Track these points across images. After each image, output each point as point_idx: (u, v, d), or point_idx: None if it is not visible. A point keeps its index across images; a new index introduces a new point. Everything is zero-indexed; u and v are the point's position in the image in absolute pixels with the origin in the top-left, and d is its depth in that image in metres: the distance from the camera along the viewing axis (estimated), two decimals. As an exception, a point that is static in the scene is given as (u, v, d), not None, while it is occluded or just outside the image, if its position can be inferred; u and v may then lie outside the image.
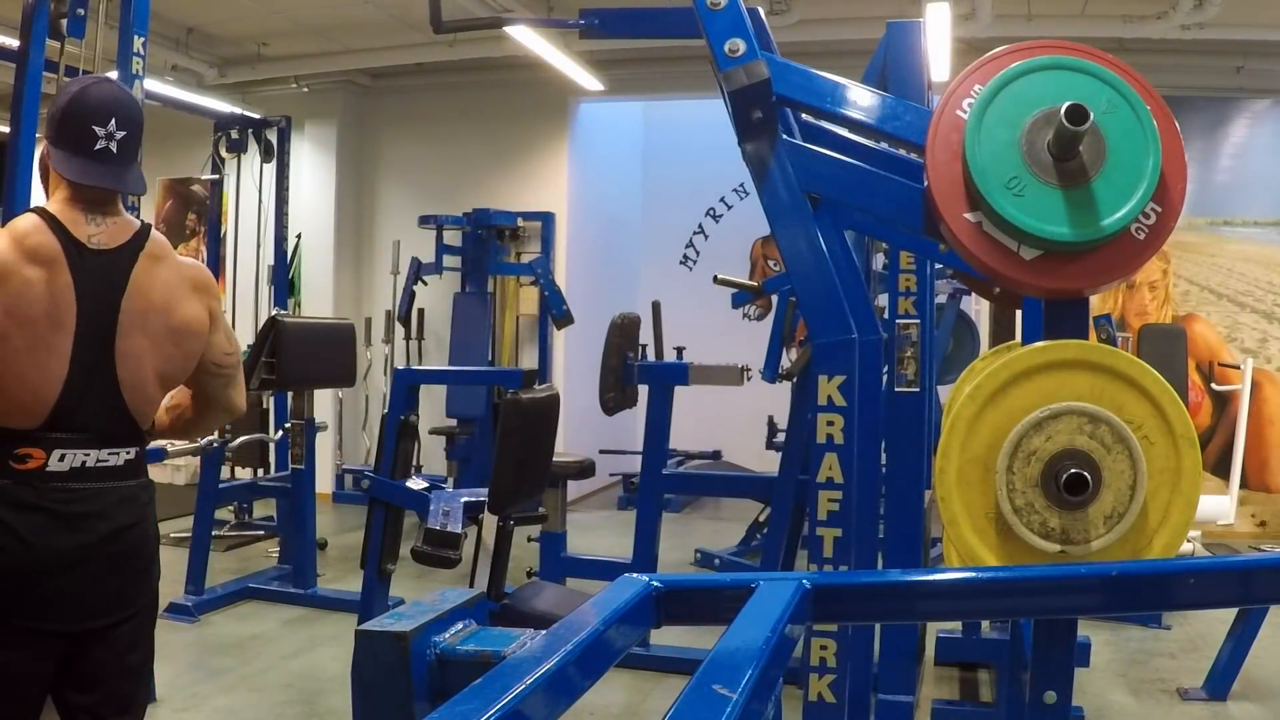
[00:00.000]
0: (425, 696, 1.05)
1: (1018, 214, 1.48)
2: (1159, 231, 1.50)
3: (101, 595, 1.88)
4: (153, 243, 1.91)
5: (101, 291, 1.83)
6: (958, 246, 1.55)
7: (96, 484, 1.85)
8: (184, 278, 1.95)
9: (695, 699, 0.79)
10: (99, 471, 1.85)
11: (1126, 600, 1.18)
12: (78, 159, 1.85)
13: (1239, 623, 3.64)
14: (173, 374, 1.97)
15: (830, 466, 1.72)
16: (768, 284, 4.95)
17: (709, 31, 1.74)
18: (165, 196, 8.25)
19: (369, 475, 3.67)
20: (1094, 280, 1.52)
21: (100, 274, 1.83)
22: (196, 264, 2.07)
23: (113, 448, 1.87)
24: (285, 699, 3.57)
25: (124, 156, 1.89)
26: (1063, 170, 1.48)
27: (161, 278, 1.90)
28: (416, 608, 1.11)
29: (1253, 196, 6.44)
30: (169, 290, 1.91)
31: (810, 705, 1.75)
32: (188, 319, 1.94)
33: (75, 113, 1.86)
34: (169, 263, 1.93)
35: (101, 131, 1.85)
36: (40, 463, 1.80)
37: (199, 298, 1.97)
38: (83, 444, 1.83)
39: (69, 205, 1.85)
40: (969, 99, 1.55)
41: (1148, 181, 1.48)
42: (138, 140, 1.92)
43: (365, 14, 6.25)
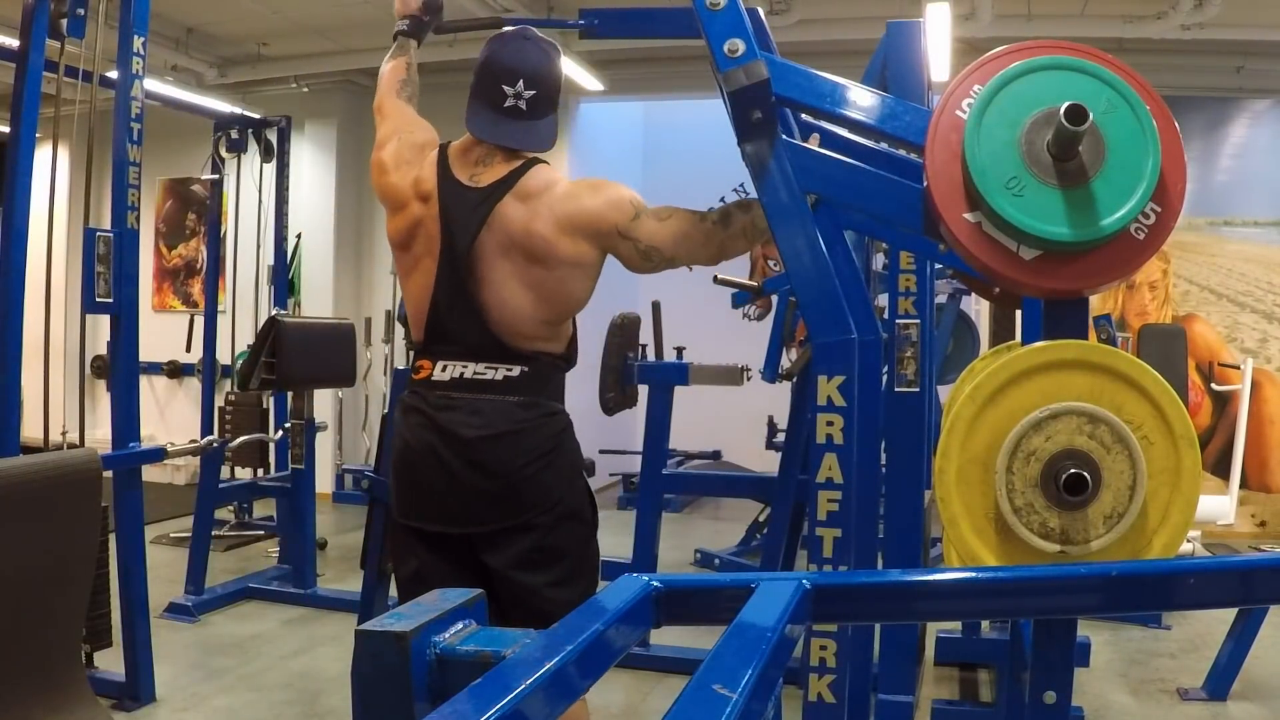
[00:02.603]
0: (425, 696, 1.05)
1: (1017, 214, 1.48)
2: (1159, 232, 1.50)
3: (463, 501, 2.04)
4: (524, 181, 2.03)
5: (464, 224, 2.02)
6: (957, 246, 1.55)
7: (472, 394, 2.02)
8: (560, 220, 2.02)
9: (695, 699, 0.79)
10: (477, 383, 2.02)
11: (1126, 600, 1.18)
12: (486, 113, 2.06)
13: (1239, 623, 3.64)
14: (553, 301, 2.05)
15: (830, 466, 1.72)
16: (768, 284, 4.95)
17: (708, 32, 1.73)
18: (165, 196, 8.25)
19: (369, 475, 3.67)
20: (1093, 280, 1.52)
21: (468, 209, 2.02)
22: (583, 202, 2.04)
23: (489, 362, 2.03)
24: (285, 699, 3.57)
25: (533, 113, 2.06)
26: (1062, 170, 1.48)
27: (527, 217, 2.01)
28: (416, 608, 1.11)
29: (1253, 196, 6.44)
30: (531, 224, 2.01)
31: (810, 705, 1.75)
32: (557, 255, 2.02)
33: (489, 70, 2.06)
34: (539, 205, 2.02)
35: (510, 91, 2.04)
36: (427, 373, 2.06)
37: (582, 240, 2.03)
38: (458, 356, 2.03)
39: (466, 147, 2.08)
40: (968, 99, 1.55)
41: (1147, 182, 1.47)
42: (548, 95, 2.07)
43: (365, 14, 6.25)
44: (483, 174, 2.05)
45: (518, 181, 2.04)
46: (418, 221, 2.07)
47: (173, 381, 8.14)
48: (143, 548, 3.48)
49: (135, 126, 3.38)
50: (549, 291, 2.05)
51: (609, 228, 2.03)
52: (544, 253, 2.02)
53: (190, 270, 8.25)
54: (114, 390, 3.46)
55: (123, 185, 3.37)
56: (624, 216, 2.03)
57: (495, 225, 2.02)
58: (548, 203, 2.03)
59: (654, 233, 2.03)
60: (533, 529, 2.05)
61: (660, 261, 2.07)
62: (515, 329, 2.04)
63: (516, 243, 2.02)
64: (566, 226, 2.02)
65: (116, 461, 3.34)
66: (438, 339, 2.06)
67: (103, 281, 3.31)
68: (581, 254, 2.04)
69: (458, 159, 2.08)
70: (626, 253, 2.06)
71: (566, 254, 2.03)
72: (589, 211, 2.03)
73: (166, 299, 8.33)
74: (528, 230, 2.01)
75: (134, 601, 3.40)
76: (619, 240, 2.04)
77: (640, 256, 2.05)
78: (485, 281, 2.02)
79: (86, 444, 4.00)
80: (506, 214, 2.02)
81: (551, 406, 2.10)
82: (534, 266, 2.03)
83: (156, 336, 7.02)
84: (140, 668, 3.41)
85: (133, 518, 3.44)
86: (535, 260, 2.02)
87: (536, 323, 2.06)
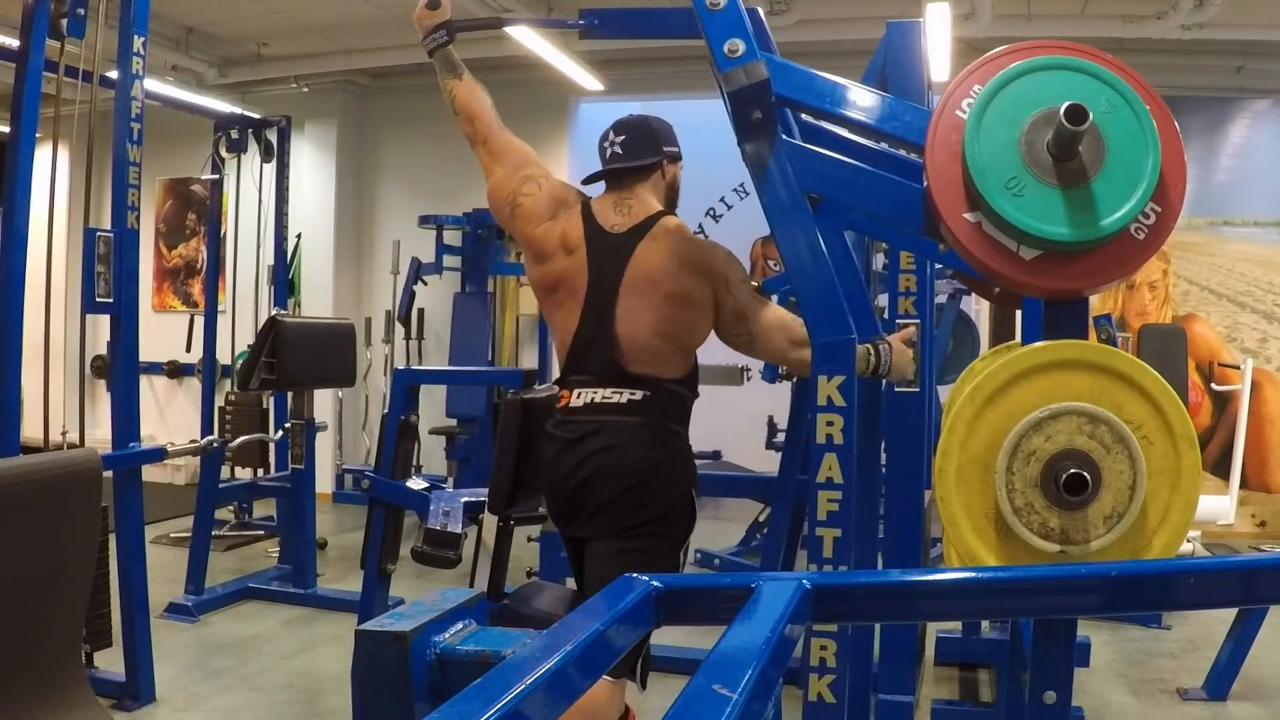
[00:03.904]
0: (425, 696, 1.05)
1: (1017, 214, 1.48)
2: (1159, 231, 1.50)
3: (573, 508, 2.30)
4: (657, 227, 2.31)
5: (609, 267, 2.29)
6: (957, 247, 1.55)
7: (598, 416, 2.26)
8: (682, 257, 2.28)
9: (695, 699, 0.79)
10: (605, 406, 2.26)
11: (1126, 600, 1.18)
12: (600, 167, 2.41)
13: (1239, 623, 3.64)
14: (675, 333, 2.29)
15: (830, 466, 1.72)
16: (768, 284, 4.94)
17: (708, 32, 1.73)
18: (165, 196, 8.25)
19: (369, 475, 3.67)
20: (1094, 280, 1.52)
21: (611, 253, 2.29)
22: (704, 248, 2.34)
23: (615, 387, 2.26)
24: (285, 699, 3.57)
25: (628, 154, 2.37)
26: (1062, 170, 1.49)
27: (657, 254, 2.28)
28: (416, 608, 1.11)
29: (1253, 196, 6.44)
30: (662, 265, 2.27)
31: (810, 705, 1.75)
32: (680, 290, 2.27)
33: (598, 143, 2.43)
34: (667, 243, 2.29)
35: (606, 144, 2.40)
36: (566, 401, 2.31)
37: (697, 277, 2.28)
38: (589, 384, 2.28)
39: (603, 198, 2.38)
40: (968, 99, 1.55)
41: (1147, 181, 1.48)
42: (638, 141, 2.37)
43: (365, 14, 6.25)
44: (623, 220, 2.33)
45: (653, 226, 2.31)
46: (565, 271, 2.33)
47: (173, 381, 8.14)
48: (143, 548, 3.48)
49: (135, 126, 3.38)
50: (672, 321, 2.28)
51: (720, 276, 2.28)
52: (670, 283, 2.27)
53: (190, 270, 8.25)
54: (114, 390, 3.46)
55: (123, 185, 3.37)
56: (735, 275, 2.29)
57: (635, 265, 2.28)
58: (676, 241, 2.30)
59: (752, 306, 2.28)
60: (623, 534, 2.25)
61: (743, 331, 2.29)
62: (640, 357, 2.27)
63: (650, 278, 2.27)
64: (690, 264, 2.27)
65: (116, 461, 3.33)
66: (575, 370, 2.32)
67: (103, 281, 3.31)
68: (701, 291, 2.28)
69: (600, 210, 2.36)
70: (725, 306, 2.29)
71: (689, 287, 2.27)
72: (707, 256, 2.30)
73: (166, 299, 8.33)
74: (658, 265, 2.27)
75: (134, 601, 3.40)
76: (725, 292, 2.28)
77: (732, 318, 2.29)
78: (620, 317, 2.27)
79: (86, 444, 4.00)
80: (643, 254, 2.28)
81: (669, 427, 2.31)
82: (664, 299, 2.27)
83: (156, 336, 7.02)
84: (140, 668, 3.41)
85: (133, 518, 3.44)
86: (662, 290, 2.27)
87: (659, 351, 2.29)
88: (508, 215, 2.41)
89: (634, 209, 2.34)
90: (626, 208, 2.35)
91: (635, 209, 2.34)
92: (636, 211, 2.34)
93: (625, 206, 2.35)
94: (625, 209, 2.34)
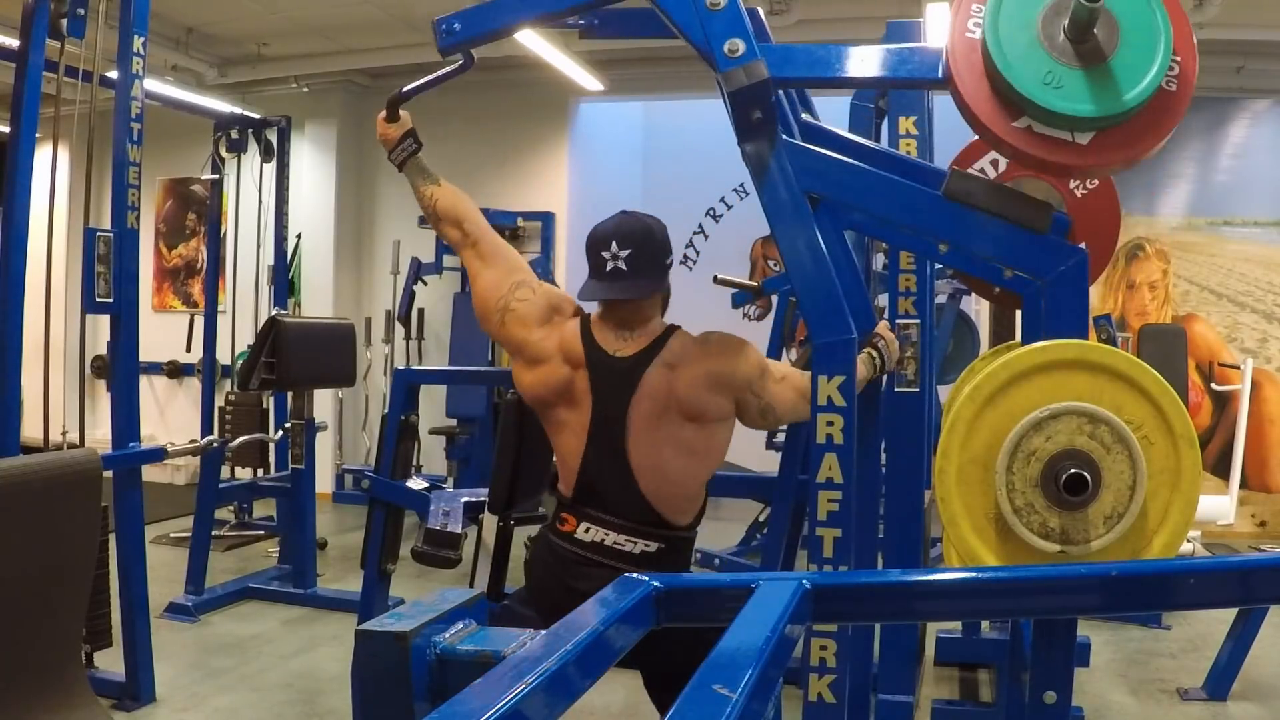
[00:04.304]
0: (425, 696, 1.05)
1: (1065, 104, 1.54)
2: (1186, 79, 1.57)
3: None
4: (668, 350, 2.14)
5: (614, 394, 2.13)
6: (1017, 155, 1.60)
7: (609, 562, 2.10)
8: (703, 373, 2.11)
9: (695, 699, 0.79)
10: (615, 553, 2.12)
11: (1126, 600, 1.18)
12: (593, 281, 2.18)
13: (1239, 623, 3.64)
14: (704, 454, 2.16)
15: (830, 466, 1.72)
16: (768, 284, 4.95)
17: (709, 32, 1.73)
18: (165, 196, 8.25)
19: (369, 475, 3.67)
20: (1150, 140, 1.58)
21: (616, 379, 2.13)
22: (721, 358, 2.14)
23: (631, 536, 2.12)
24: (285, 699, 3.57)
25: (634, 271, 2.15)
26: (1087, 51, 1.55)
27: (674, 379, 2.12)
28: (416, 608, 1.11)
29: (1253, 196, 6.44)
30: (682, 391, 2.11)
31: (810, 705, 1.75)
32: (703, 410, 2.12)
33: (590, 245, 2.20)
34: (687, 364, 2.12)
35: (607, 255, 2.16)
36: (571, 529, 2.15)
37: (720, 394, 2.12)
38: (602, 522, 2.13)
39: (602, 319, 2.20)
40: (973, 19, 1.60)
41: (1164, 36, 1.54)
42: (646, 258, 2.16)
43: (365, 14, 6.25)
44: (627, 345, 2.16)
45: (662, 349, 2.15)
46: (566, 383, 2.17)
47: (173, 381, 8.14)
48: (143, 548, 3.48)
49: (135, 126, 3.38)
50: (701, 448, 2.15)
51: (743, 382, 2.14)
52: (697, 410, 2.12)
53: (190, 270, 8.25)
54: (114, 390, 3.46)
55: (123, 185, 3.37)
56: (755, 374, 2.14)
57: (645, 392, 2.12)
58: (693, 366, 2.13)
59: (775, 394, 2.15)
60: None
61: (773, 420, 2.19)
62: (662, 491, 2.14)
63: (670, 406, 2.12)
64: (712, 384, 2.12)
65: (116, 461, 3.34)
66: (586, 499, 2.15)
67: (103, 281, 3.31)
68: (723, 408, 2.14)
69: (599, 330, 2.19)
70: (749, 407, 2.15)
71: (714, 409, 2.13)
72: (728, 368, 2.13)
73: (166, 299, 8.33)
74: (681, 393, 2.12)
75: (134, 601, 3.40)
76: (748, 395, 2.14)
77: (759, 414, 2.16)
78: (637, 446, 2.12)
79: (86, 444, 4.00)
80: (657, 381, 2.12)
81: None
82: (688, 425, 2.13)
83: (156, 336, 7.02)
84: (140, 668, 3.41)
85: (133, 518, 3.44)
86: (690, 418, 2.12)
87: (683, 485, 2.16)
88: (498, 321, 2.23)
89: (638, 332, 2.18)
90: (629, 331, 2.18)
91: (639, 331, 2.18)
92: (642, 335, 2.17)
93: (628, 330, 2.18)
94: (628, 333, 2.17)
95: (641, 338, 2.17)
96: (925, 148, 2.79)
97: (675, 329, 2.21)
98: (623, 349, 2.16)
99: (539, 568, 2.23)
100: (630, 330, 2.18)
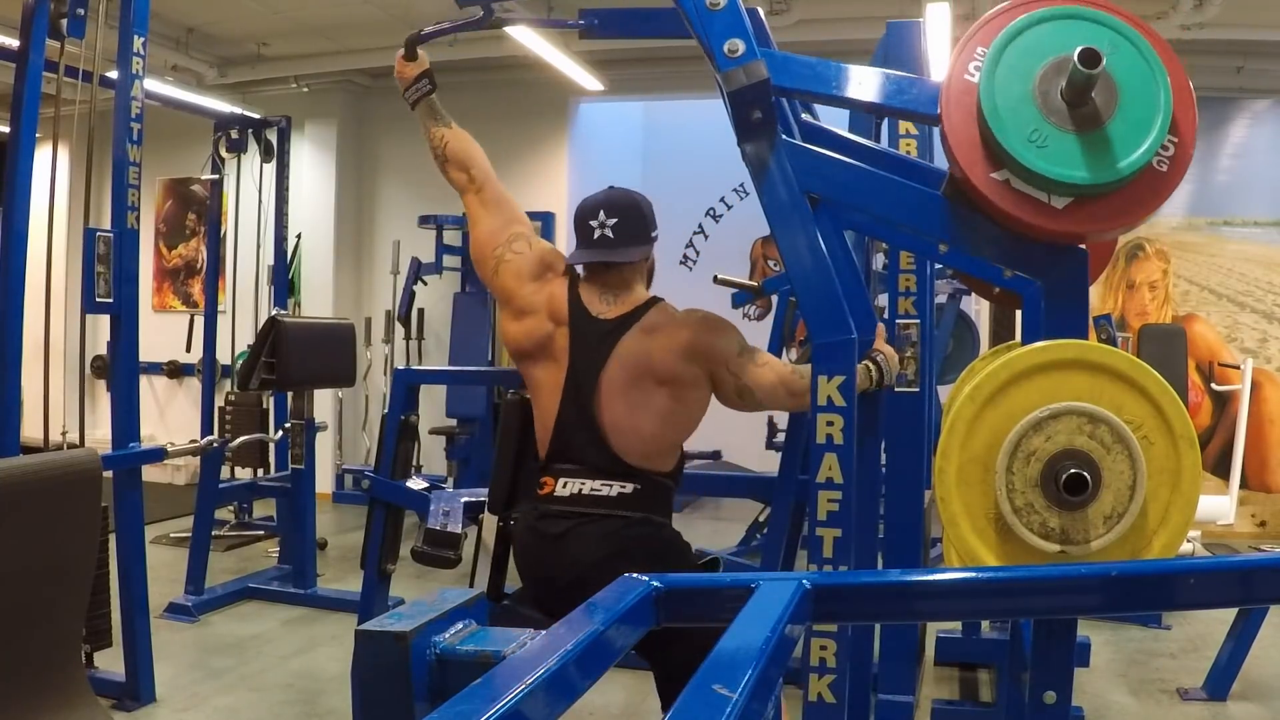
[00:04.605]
0: (425, 696, 1.05)
1: (1045, 165, 1.51)
2: (1180, 161, 1.53)
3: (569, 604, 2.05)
4: (648, 317, 2.20)
5: (591, 354, 2.18)
6: (989, 207, 1.57)
7: (585, 509, 2.16)
8: (678, 346, 2.17)
9: (695, 699, 0.79)
10: (592, 499, 2.16)
11: (1126, 600, 1.18)
12: (580, 248, 2.26)
13: (1239, 623, 3.64)
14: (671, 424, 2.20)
15: (830, 466, 1.72)
16: (768, 284, 4.95)
17: (708, 32, 1.73)
18: (165, 196, 8.25)
19: (369, 475, 3.67)
20: (1127, 217, 1.55)
21: (595, 339, 2.19)
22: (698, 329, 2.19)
23: (605, 479, 2.17)
24: (285, 699, 3.57)
25: (620, 239, 2.23)
26: (1080, 116, 1.51)
27: (650, 346, 2.17)
28: (416, 608, 1.11)
29: (1253, 196, 6.44)
30: (656, 354, 2.17)
31: (810, 705, 1.75)
32: (676, 379, 2.17)
33: (578, 215, 2.28)
34: (661, 332, 2.18)
35: (595, 223, 2.24)
36: (550, 489, 2.20)
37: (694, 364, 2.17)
38: (577, 474, 2.18)
39: (589, 282, 2.26)
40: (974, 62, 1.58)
41: (1163, 114, 1.50)
42: (631, 227, 2.23)
43: (365, 14, 6.25)
44: (610, 309, 2.22)
45: (643, 316, 2.21)
46: (548, 338, 2.23)
47: (173, 381, 8.14)
48: (143, 548, 3.48)
49: (135, 126, 3.38)
50: (672, 413, 2.19)
51: (720, 356, 2.17)
52: (670, 376, 2.17)
53: (190, 270, 8.25)
54: (114, 390, 3.46)
55: (123, 185, 3.37)
56: (733, 350, 2.18)
57: (622, 355, 2.17)
58: (670, 332, 2.19)
59: (753, 375, 2.16)
60: None
61: (751, 403, 2.19)
62: (633, 448, 2.17)
63: (644, 370, 2.17)
64: (687, 353, 2.17)
65: (116, 461, 3.34)
66: (560, 458, 2.21)
67: (103, 281, 3.31)
68: (697, 378, 2.18)
69: (586, 292, 2.24)
70: (726, 385, 2.18)
71: (688, 377, 2.17)
72: (705, 339, 2.18)
73: (166, 299, 8.33)
74: (655, 358, 2.17)
75: (134, 601, 3.40)
76: (725, 372, 2.17)
77: (735, 393, 2.18)
78: (609, 406, 2.17)
79: (86, 444, 4.00)
80: (633, 345, 2.18)
81: (659, 522, 2.22)
82: (659, 390, 2.17)
83: (156, 336, 7.02)
84: (140, 668, 3.41)
85: (133, 518, 3.44)
86: (662, 383, 2.17)
87: (655, 443, 2.20)
88: (492, 269, 2.30)
89: (621, 297, 2.24)
90: (613, 296, 2.24)
91: (623, 297, 2.24)
92: (625, 300, 2.24)
93: (612, 295, 2.24)
94: (612, 297, 2.24)
95: (625, 303, 2.23)
96: (925, 148, 2.79)
97: (658, 299, 2.26)
98: (605, 312, 2.22)
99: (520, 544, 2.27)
100: (615, 295, 2.24)
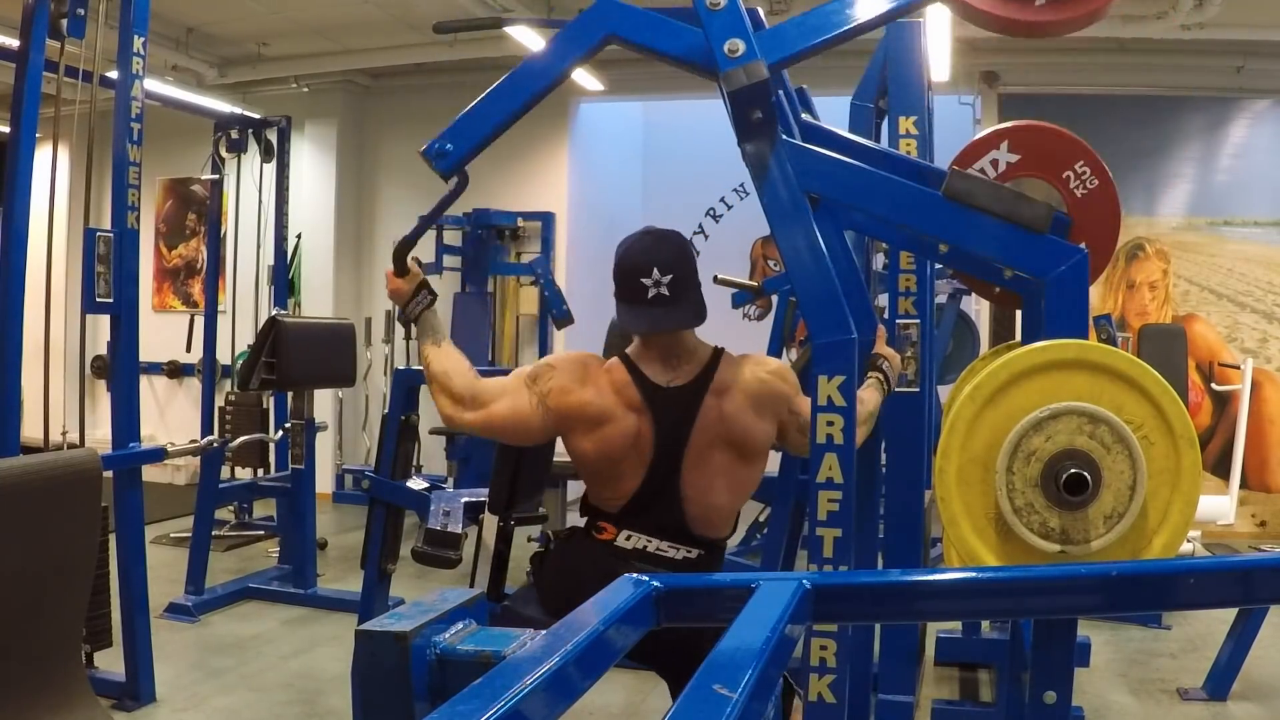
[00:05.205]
0: (425, 696, 1.05)
1: None
2: None
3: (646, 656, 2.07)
4: (718, 377, 2.14)
5: (675, 429, 2.11)
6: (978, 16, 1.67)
7: (649, 567, 2.08)
8: (749, 398, 2.13)
9: (695, 699, 0.79)
10: (656, 558, 2.12)
11: (1126, 600, 1.18)
12: (635, 308, 2.13)
13: (1239, 623, 3.63)
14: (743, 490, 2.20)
15: (830, 466, 1.72)
16: (768, 284, 4.95)
17: (708, 32, 1.73)
18: (165, 196, 8.25)
19: (369, 475, 3.67)
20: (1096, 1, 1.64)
21: (676, 411, 2.11)
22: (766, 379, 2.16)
23: (674, 543, 2.13)
24: (285, 699, 3.57)
25: (675, 297, 2.11)
26: None
27: (726, 408, 2.12)
28: (416, 608, 1.11)
29: (1253, 196, 6.44)
30: (733, 414, 2.12)
31: (810, 705, 1.75)
32: (751, 438, 2.14)
33: (624, 271, 2.13)
34: (734, 391, 2.13)
35: (649, 282, 2.10)
36: (610, 537, 2.14)
37: (767, 419, 2.15)
38: (646, 531, 2.12)
39: (648, 350, 2.16)
40: None
41: None
42: (686, 276, 2.12)
43: (365, 14, 6.25)
44: (679, 375, 2.14)
45: (714, 377, 2.14)
46: (633, 430, 2.12)
47: (173, 381, 8.14)
48: (143, 548, 3.48)
49: (135, 126, 3.38)
50: (742, 482, 2.17)
51: (784, 400, 2.16)
52: (744, 438, 2.14)
53: (190, 270, 8.25)
54: (114, 390, 3.46)
55: (123, 185, 3.37)
56: (793, 390, 2.16)
57: (703, 424, 2.12)
58: (739, 390, 2.14)
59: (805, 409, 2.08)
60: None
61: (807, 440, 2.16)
62: (703, 518, 2.15)
63: (721, 436, 2.12)
64: (757, 407, 2.14)
65: (116, 461, 3.33)
66: (632, 516, 2.14)
67: (103, 281, 3.31)
68: (768, 433, 2.16)
69: (645, 364, 2.15)
70: (789, 427, 2.17)
71: (758, 433, 2.15)
72: (770, 387, 2.15)
73: (166, 299, 8.33)
74: (729, 422, 2.12)
75: (134, 601, 3.40)
76: (788, 414, 2.17)
77: (798, 431, 2.16)
78: (690, 480, 2.13)
79: (86, 444, 4.00)
80: (711, 413, 2.12)
81: None
82: (734, 456, 2.14)
83: (156, 336, 7.02)
84: (140, 668, 3.41)
85: (133, 518, 3.44)
86: (738, 447, 2.14)
87: (723, 513, 2.19)
88: (542, 415, 2.13)
89: (684, 361, 2.15)
90: (678, 359, 2.15)
91: (687, 361, 2.16)
92: (690, 364, 2.15)
93: (676, 358, 2.15)
94: (677, 361, 2.15)
95: (691, 365, 2.15)
96: (925, 148, 2.79)
97: (720, 352, 2.19)
98: (675, 379, 2.14)
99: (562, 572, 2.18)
100: (678, 359, 2.15)
